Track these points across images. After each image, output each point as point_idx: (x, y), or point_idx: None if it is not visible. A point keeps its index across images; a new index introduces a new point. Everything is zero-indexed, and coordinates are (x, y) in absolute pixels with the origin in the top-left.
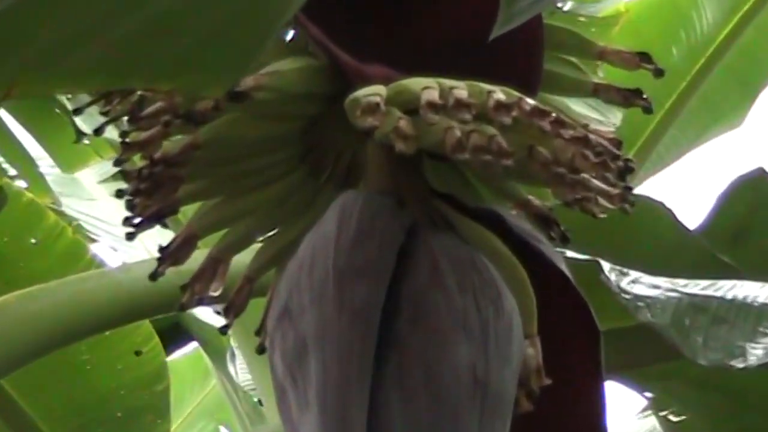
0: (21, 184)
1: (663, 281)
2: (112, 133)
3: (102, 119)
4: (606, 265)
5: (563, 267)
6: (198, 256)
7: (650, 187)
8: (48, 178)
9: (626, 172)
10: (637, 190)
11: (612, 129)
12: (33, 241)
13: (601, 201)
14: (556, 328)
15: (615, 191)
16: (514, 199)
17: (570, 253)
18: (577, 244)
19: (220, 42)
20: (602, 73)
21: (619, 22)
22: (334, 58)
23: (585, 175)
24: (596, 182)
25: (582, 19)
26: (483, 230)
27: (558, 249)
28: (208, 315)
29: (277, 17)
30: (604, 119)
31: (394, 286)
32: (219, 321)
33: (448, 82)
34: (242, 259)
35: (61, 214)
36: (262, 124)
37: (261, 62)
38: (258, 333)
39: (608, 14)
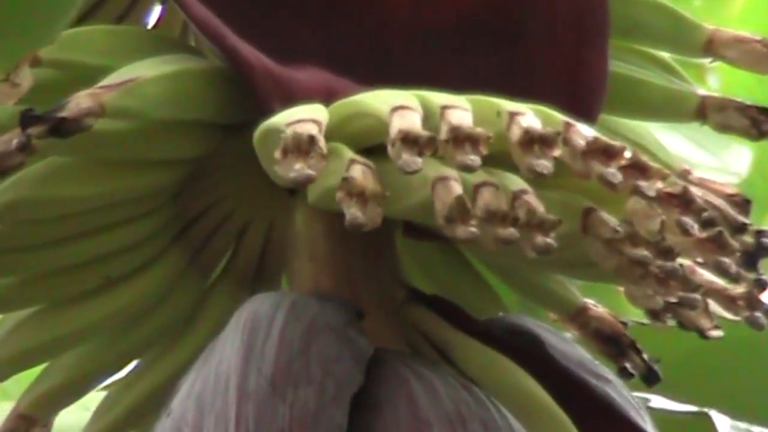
0: None
1: None
2: None
3: None
4: (723, 421)
5: (648, 426)
6: None
7: None
8: None
9: (758, 254)
10: None
11: (733, 180)
12: None
13: (714, 307)
14: None
15: (739, 290)
16: (558, 306)
17: (658, 400)
18: (672, 384)
19: None
20: (714, 81)
21: None
22: (234, 56)
23: (685, 262)
24: (705, 274)
25: None
26: (503, 362)
27: (637, 394)
28: None
29: None
30: (717, 163)
31: None
32: None
33: (436, 98)
34: (75, 420)
35: None
36: (104, 175)
37: (100, 64)
38: None
39: None
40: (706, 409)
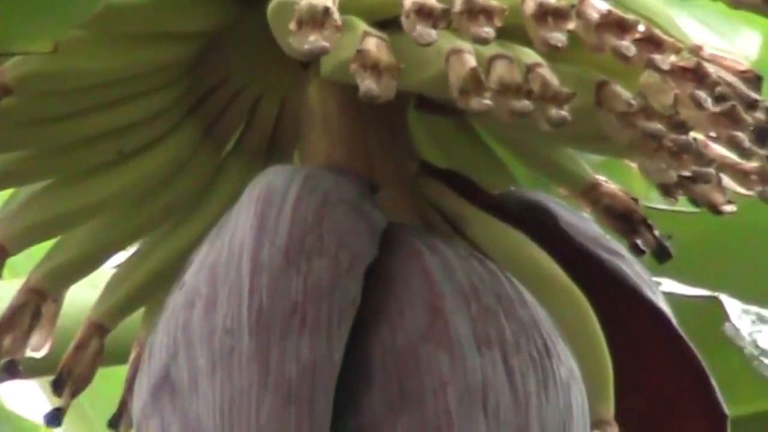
0: None
1: None
2: None
3: None
4: (733, 306)
5: (660, 301)
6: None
7: None
8: None
9: None
10: None
11: (742, 59)
12: None
13: (727, 182)
14: (651, 409)
15: (751, 165)
16: (569, 181)
17: (669, 284)
18: (682, 268)
19: None
20: None
21: None
22: None
23: (698, 136)
24: (718, 149)
25: None
26: (516, 236)
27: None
28: (21, 396)
29: None
30: (727, 46)
31: (358, 339)
32: (43, 405)
33: None
34: (88, 295)
35: None
36: (118, 48)
37: None
38: (114, 424)
39: None
40: (716, 294)
